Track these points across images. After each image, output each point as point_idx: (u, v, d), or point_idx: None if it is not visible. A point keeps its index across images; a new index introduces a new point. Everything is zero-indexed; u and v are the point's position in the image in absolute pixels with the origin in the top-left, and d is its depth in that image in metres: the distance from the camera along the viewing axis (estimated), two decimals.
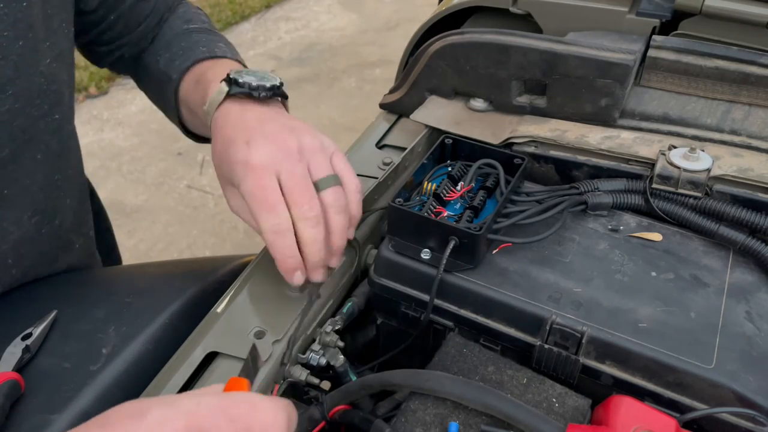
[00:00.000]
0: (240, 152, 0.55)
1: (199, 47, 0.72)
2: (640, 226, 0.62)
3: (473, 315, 0.56)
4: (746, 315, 0.53)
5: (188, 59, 0.70)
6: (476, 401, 0.46)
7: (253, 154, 0.54)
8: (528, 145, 0.70)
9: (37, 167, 0.62)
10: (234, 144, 0.56)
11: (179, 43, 0.73)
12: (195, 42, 0.73)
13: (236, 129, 0.57)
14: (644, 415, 0.43)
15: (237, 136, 0.56)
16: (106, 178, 2.48)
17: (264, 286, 0.60)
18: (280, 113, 0.61)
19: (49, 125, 0.62)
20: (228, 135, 0.57)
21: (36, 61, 0.58)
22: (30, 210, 0.63)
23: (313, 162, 0.56)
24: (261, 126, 0.57)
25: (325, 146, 0.58)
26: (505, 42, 0.70)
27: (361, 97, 2.92)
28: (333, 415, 0.52)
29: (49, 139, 0.63)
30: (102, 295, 0.68)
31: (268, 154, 0.54)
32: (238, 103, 0.60)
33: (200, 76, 0.68)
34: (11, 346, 0.57)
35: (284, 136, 0.56)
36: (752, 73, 0.70)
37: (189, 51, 0.72)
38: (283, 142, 0.55)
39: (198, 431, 0.35)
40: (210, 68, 0.68)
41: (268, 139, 0.55)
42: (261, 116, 0.58)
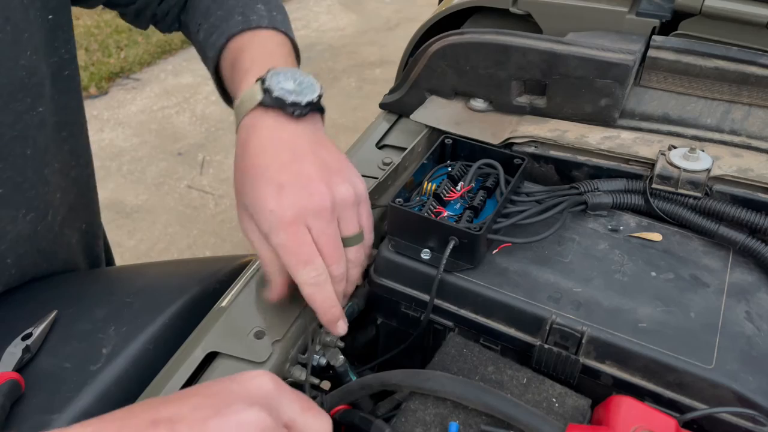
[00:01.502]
0: (270, 200, 0.51)
1: (235, 15, 0.65)
2: (640, 226, 0.62)
3: (473, 315, 0.56)
4: (746, 315, 0.53)
5: (222, 34, 0.65)
6: (476, 401, 0.46)
7: (286, 209, 0.51)
8: (528, 145, 0.70)
9: (26, 163, 0.61)
10: (263, 183, 0.52)
11: (216, 11, 0.67)
12: (231, 7, 0.67)
13: (265, 156, 0.53)
14: (644, 415, 0.43)
15: (266, 171, 0.53)
16: (106, 178, 2.48)
17: (264, 286, 0.60)
18: (315, 138, 0.56)
19: (33, 119, 0.61)
20: (255, 162, 0.54)
21: (16, 55, 0.57)
22: (24, 207, 0.63)
23: (343, 218, 0.54)
24: (294, 163, 0.53)
25: (357, 195, 0.55)
26: (505, 42, 0.70)
27: (361, 97, 2.92)
28: (333, 415, 0.52)
29: (36, 134, 0.62)
30: (102, 295, 0.68)
31: (301, 208, 0.51)
32: (270, 117, 0.55)
33: (235, 59, 0.63)
34: (11, 346, 0.57)
35: (318, 187, 0.52)
36: (752, 73, 0.70)
37: (224, 22, 0.66)
38: (318, 196, 0.52)
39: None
40: (245, 48, 0.63)
41: (302, 188, 0.52)
42: (294, 144, 0.54)
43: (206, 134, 2.78)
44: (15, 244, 0.63)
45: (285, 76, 0.56)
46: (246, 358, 0.53)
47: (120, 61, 3.31)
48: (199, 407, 0.37)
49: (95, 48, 3.42)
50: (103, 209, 2.30)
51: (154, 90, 3.13)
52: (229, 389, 0.39)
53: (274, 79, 0.55)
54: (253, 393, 0.39)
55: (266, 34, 0.65)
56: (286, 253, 0.52)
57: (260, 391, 0.39)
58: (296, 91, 0.55)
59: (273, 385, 0.40)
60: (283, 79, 0.56)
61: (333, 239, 0.53)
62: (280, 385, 0.41)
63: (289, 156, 0.53)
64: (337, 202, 0.53)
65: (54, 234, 0.69)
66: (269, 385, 0.40)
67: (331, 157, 0.55)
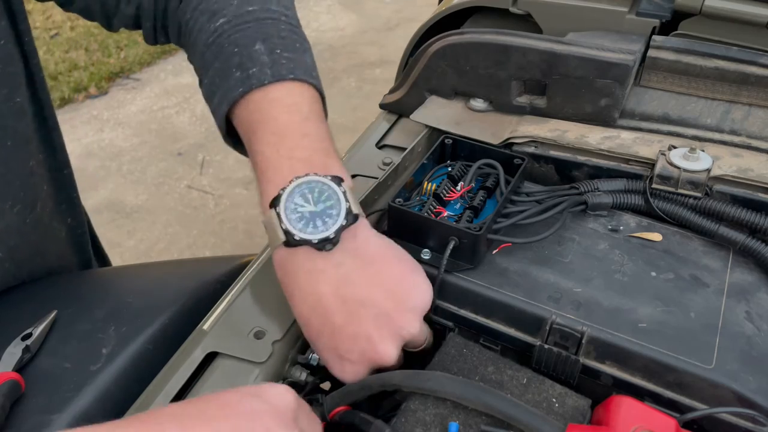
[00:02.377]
0: (335, 368, 0.51)
1: (232, 70, 0.55)
2: (640, 226, 0.62)
3: (473, 315, 0.56)
4: (746, 315, 0.53)
5: (223, 99, 0.55)
6: (476, 401, 0.46)
7: (350, 376, 0.51)
8: (528, 145, 0.70)
9: (9, 154, 0.61)
10: (322, 350, 0.52)
11: (213, 63, 0.57)
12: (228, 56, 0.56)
13: (313, 316, 0.50)
14: (644, 415, 0.43)
15: (320, 338, 0.51)
16: (106, 178, 2.48)
17: (264, 286, 0.60)
18: (361, 271, 0.50)
19: (11, 109, 0.60)
20: (306, 319, 0.51)
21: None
22: (10, 199, 0.63)
23: (411, 343, 0.53)
24: (347, 326, 0.49)
25: (424, 311, 0.53)
26: (505, 42, 0.70)
27: (361, 97, 2.92)
28: (333, 415, 0.52)
29: (15, 124, 0.61)
30: (102, 295, 0.68)
31: (366, 371, 0.51)
32: (302, 257, 0.50)
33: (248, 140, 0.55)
34: (11, 346, 0.57)
35: (382, 348, 0.49)
36: (752, 73, 0.70)
37: (223, 80, 0.56)
38: (381, 357, 0.50)
39: None
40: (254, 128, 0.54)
41: (363, 354, 0.50)
42: (338, 296, 0.49)
43: (206, 134, 2.78)
44: (5, 236, 0.63)
45: (300, 194, 0.49)
46: (246, 359, 0.53)
47: (120, 61, 3.31)
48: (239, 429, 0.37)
49: (95, 48, 3.42)
50: (103, 209, 2.30)
51: (154, 90, 3.13)
52: (256, 409, 0.39)
53: (290, 205, 0.49)
54: (281, 410, 0.40)
55: (273, 94, 0.54)
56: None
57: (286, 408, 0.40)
58: (319, 214, 0.49)
59: (294, 399, 0.42)
60: (300, 199, 0.49)
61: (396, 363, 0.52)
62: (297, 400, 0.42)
63: (339, 318, 0.49)
64: (402, 343, 0.51)
65: (44, 226, 0.69)
66: (292, 400, 0.41)
67: (387, 293, 0.50)
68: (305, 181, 0.50)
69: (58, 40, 3.44)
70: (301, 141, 0.53)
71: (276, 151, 0.52)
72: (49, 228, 0.70)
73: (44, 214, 0.69)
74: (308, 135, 0.54)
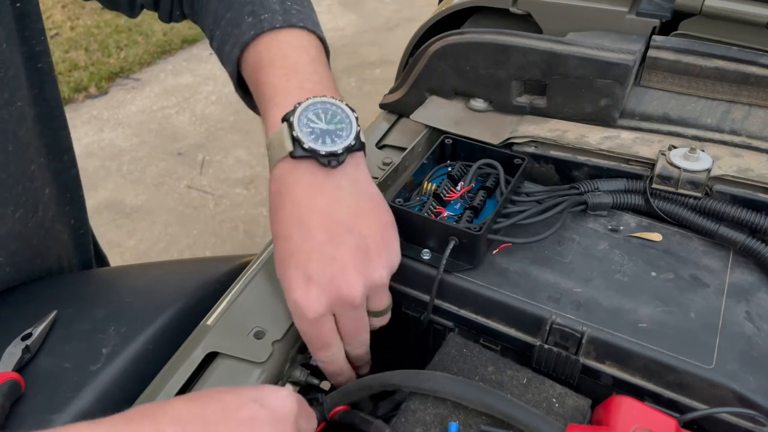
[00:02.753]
0: (297, 290, 0.48)
1: (245, 17, 0.57)
2: (640, 226, 0.62)
3: (473, 315, 0.56)
4: (746, 315, 0.53)
5: (235, 44, 0.57)
6: (476, 401, 0.46)
7: (311, 303, 0.48)
8: (528, 145, 0.70)
9: (9, 159, 0.61)
10: (291, 266, 0.49)
11: (224, 14, 0.59)
12: (240, 6, 0.58)
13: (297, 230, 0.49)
14: (644, 415, 0.43)
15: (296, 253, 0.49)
16: (106, 178, 2.48)
17: (264, 286, 0.60)
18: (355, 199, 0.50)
19: (13, 114, 0.60)
20: (287, 233, 0.49)
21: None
22: (11, 204, 0.62)
23: (373, 296, 0.51)
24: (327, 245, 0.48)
25: (392, 272, 0.52)
26: (505, 42, 0.70)
27: (361, 97, 2.92)
28: (333, 415, 0.52)
29: (16, 129, 0.61)
30: (102, 295, 0.68)
31: (327, 303, 0.48)
32: (304, 171, 0.50)
33: (256, 79, 0.56)
34: (11, 346, 0.57)
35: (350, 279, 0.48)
36: (752, 73, 0.70)
37: (235, 27, 0.58)
38: (348, 289, 0.48)
39: None
40: (263, 63, 0.55)
41: (331, 280, 0.48)
42: (330, 216, 0.49)
43: (206, 134, 2.78)
44: (7, 241, 0.63)
45: (314, 111, 0.50)
46: (246, 358, 0.52)
47: (120, 61, 3.31)
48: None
49: (95, 48, 3.42)
50: (103, 209, 2.30)
51: (154, 90, 3.13)
52: (255, 416, 0.39)
53: (303, 119, 0.49)
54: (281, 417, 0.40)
55: (283, 36, 0.56)
56: (305, 337, 0.51)
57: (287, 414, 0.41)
58: (329, 132, 0.49)
59: (295, 404, 0.42)
60: (313, 116, 0.50)
61: (357, 325, 0.51)
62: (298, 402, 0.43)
63: (323, 236, 0.48)
64: (369, 287, 0.50)
65: (45, 230, 0.69)
66: (293, 406, 0.41)
67: (372, 229, 0.50)
68: (320, 100, 0.51)
69: (58, 40, 3.44)
70: (311, 76, 0.54)
71: (286, 82, 0.53)
72: (50, 231, 0.70)
73: (46, 218, 0.69)
74: (317, 73, 0.55)
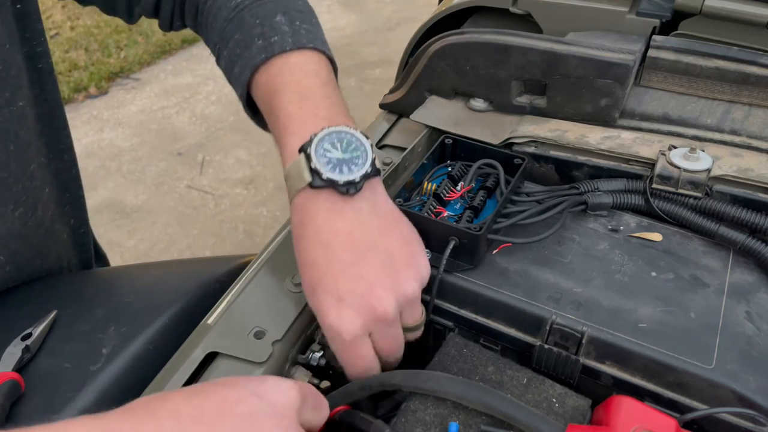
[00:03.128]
0: (330, 313, 0.48)
1: (255, 39, 0.58)
2: (640, 226, 0.62)
3: (473, 315, 0.56)
4: (746, 315, 0.53)
5: (246, 66, 0.57)
6: (476, 401, 0.46)
7: (345, 326, 0.48)
8: (528, 145, 0.70)
9: (10, 158, 0.61)
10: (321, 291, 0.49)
11: (233, 35, 0.60)
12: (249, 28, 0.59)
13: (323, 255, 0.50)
14: (644, 415, 0.43)
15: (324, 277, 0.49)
16: (106, 178, 2.48)
17: (264, 286, 0.60)
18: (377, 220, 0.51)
19: (14, 113, 0.60)
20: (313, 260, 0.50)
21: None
22: (11, 203, 0.62)
23: (407, 312, 0.51)
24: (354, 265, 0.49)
25: (423, 284, 0.52)
26: (505, 42, 0.70)
27: (361, 97, 2.92)
28: (333, 415, 0.52)
29: (17, 128, 0.61)
30: (102, 295, 0.68)
31: (362, 324, 0.48)
32: (324, 200, 0.51)
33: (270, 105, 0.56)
34: (11, 346, 0.57)
35: (382, 295, 0.48)
36: (752, 73, 0.70)
37: (245, 50, 0.58)
38: (380, 306, 0.48)
39: None
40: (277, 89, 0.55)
41: (362, 298, 0.48)
42: (353, 237, 0.50)
43: (206, 134, 2.78)
44: (6, 240, 0.63)
45: (330, 141, 0.51)
46: (246, 358, 0.53)
47: (120, 61, 3.31)
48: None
49: (95, 48, 3.42)
50: (103, 209, 2.30)
51: (154, 90, 3.13)
52: (260, 409, 0.38)
53: (319, 150, 0.50)
54: (281, 411, 0.39)
55: (295, 60, 0.57)
56: (342, 360, 0.51)
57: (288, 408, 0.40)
58: (346, 161, 0.50)
59: (297, 396, 0.41)
60: (329, 146, 0.51)
61: (393, 340, 0.51)
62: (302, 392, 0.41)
63: (348, 256, 0.49)
64: (401, 302, 0.50)
65: (45, 229, 0.69)
66: (295, 398, 0.41)
67: (396, 244, 0.51)
68: (335, 130, 0.52)
69: (58, 40, 3.44)
70: (323, 101, 0.55)
71: (300, 108, 0.54)
72: (50, 230, 0.70)
73: (46, 217, 0.69)
74: (329, 97, 0.56)
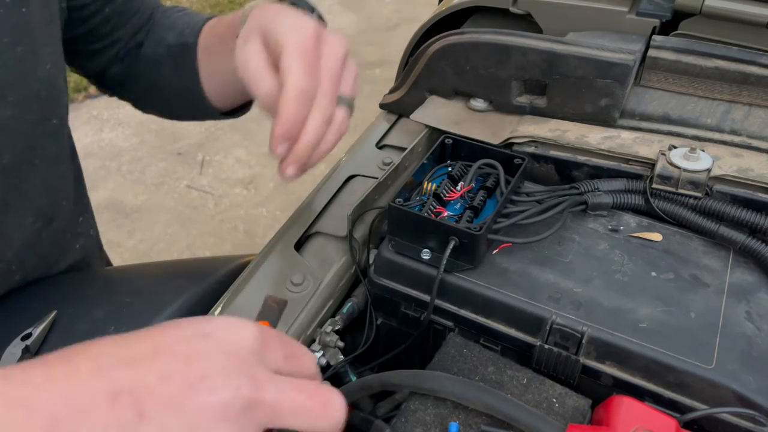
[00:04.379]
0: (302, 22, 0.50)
1: (204, 17, 0.71)
2: (640, 226, 0.62)
3: (473, 315, 0.56)
4: (746, 315, 0.53)
5: (200, 20, 0.70)
6: (476, 401, 0.46)
7: (309, 28, 0.50)
8: (528, 145, 0.70)
9: (35, 172, 0.62)
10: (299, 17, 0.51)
11: (182, 20, 0.72)
12: (197, 14, 0.72)
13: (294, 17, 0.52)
14: (644, 415, 0.43)
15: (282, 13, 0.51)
16: (106, 178, 2.48)
17: (264, 286, 0.60)
18: None
19: (46, 130, 0.62)
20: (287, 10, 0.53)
21: (35, 67, 0.58)
22: (32, 216, 0.63)
23: (345, 77, 0.53)
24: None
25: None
26: (505, 42, 0.70)
27: (361, 97, 2.92)
28: None
29: (47, 144, 0.63)
30: (102, 295, 0.68)
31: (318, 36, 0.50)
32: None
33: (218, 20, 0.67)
34: (11, 346, 0.57)
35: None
36: (752, 73, 0.70)
37: (197, 18, 0.71)
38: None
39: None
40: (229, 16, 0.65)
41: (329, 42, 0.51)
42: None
43: (206, 134, 2.78)
44: (20, 251, 0.64)
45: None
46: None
47: None
48: (168, 377, 0.31)
49: None
50: (103, 209, 2.31)
51: None
52: (205, 349, 0.32)
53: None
54: (234, 352, 0.32)
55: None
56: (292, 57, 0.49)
57: (241, 349, 0.33)
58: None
59: (253, 338, 0.34)
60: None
61: (335, 74, 0.51)
62: (262, 335, 0.34)
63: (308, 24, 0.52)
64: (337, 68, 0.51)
65: (57, 240, 0.69)
66: (249, 339, 0.33)
67: None
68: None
69: None
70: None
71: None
72: (63, 242, 0.71)
73: (60, 229, 0.70)
74: None
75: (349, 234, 0.64)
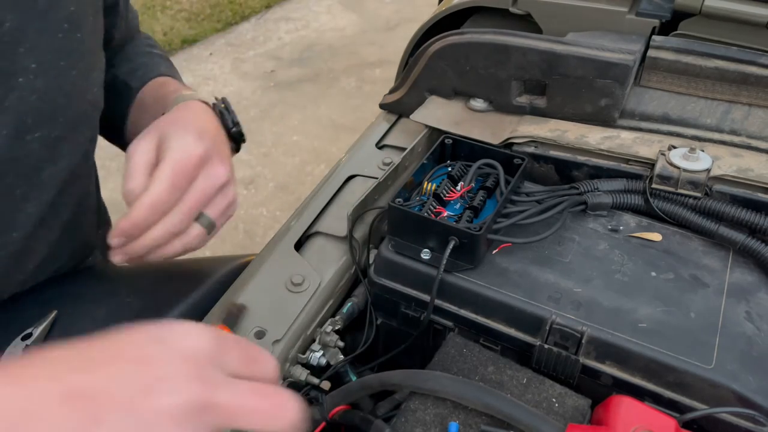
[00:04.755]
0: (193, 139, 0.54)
1: (161, 69, 0.73)
2: (640, 226, 0.62)
3: (473, 315, 0.56)
4: (746, 315, 0.53)
5: (152, 72, 0.72)
6: (476, 401, 0.46)
7: (199, 147, 0.54)
8: (528, 145, 0.70)
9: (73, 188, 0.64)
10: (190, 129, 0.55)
11: (141, 60, 0.75)
12: (156, 63, 0.75)
13: (196, 118, 0.58)
14: (644, 415, 0.43)
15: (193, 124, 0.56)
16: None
17: (264, 286, 0.60)
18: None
19: (89, 149, 0.65)
20: (189, 117, 0.58)
21: (85, 90, 0.60)
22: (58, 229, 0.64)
23: (215, 202, 0.56)
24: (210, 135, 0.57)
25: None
26: (505, 42, 0.70)
27: (361, 97, 2.92)
28: (333, 415, 0.52)
29: (81, 162, 0.64)
30: (102, 295, 0.68)
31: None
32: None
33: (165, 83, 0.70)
34: (11, 346, 0.57)
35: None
36: (752, 73, 0.70)
37: (152, 67, 0.73)
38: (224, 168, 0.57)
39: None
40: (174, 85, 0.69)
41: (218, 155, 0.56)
42: (212, 125, 0.60)
43: None
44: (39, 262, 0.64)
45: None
46: None
47: None
48: (124, 380, 0.31)
49: None
50: None
51: None
52: (159, 353, 0.33)
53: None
54: (189, 356, 0.33)
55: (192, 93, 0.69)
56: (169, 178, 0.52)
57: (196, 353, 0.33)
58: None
59: (209, 343, 0.34)
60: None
61: (203, 196, 0.54)
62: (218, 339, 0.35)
63: (211, 126, 0.59)
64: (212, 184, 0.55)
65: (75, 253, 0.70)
66: (205, 343, 0.34)
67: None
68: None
69: None
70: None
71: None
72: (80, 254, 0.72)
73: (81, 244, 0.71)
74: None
75: (349, 234, 0.64)
